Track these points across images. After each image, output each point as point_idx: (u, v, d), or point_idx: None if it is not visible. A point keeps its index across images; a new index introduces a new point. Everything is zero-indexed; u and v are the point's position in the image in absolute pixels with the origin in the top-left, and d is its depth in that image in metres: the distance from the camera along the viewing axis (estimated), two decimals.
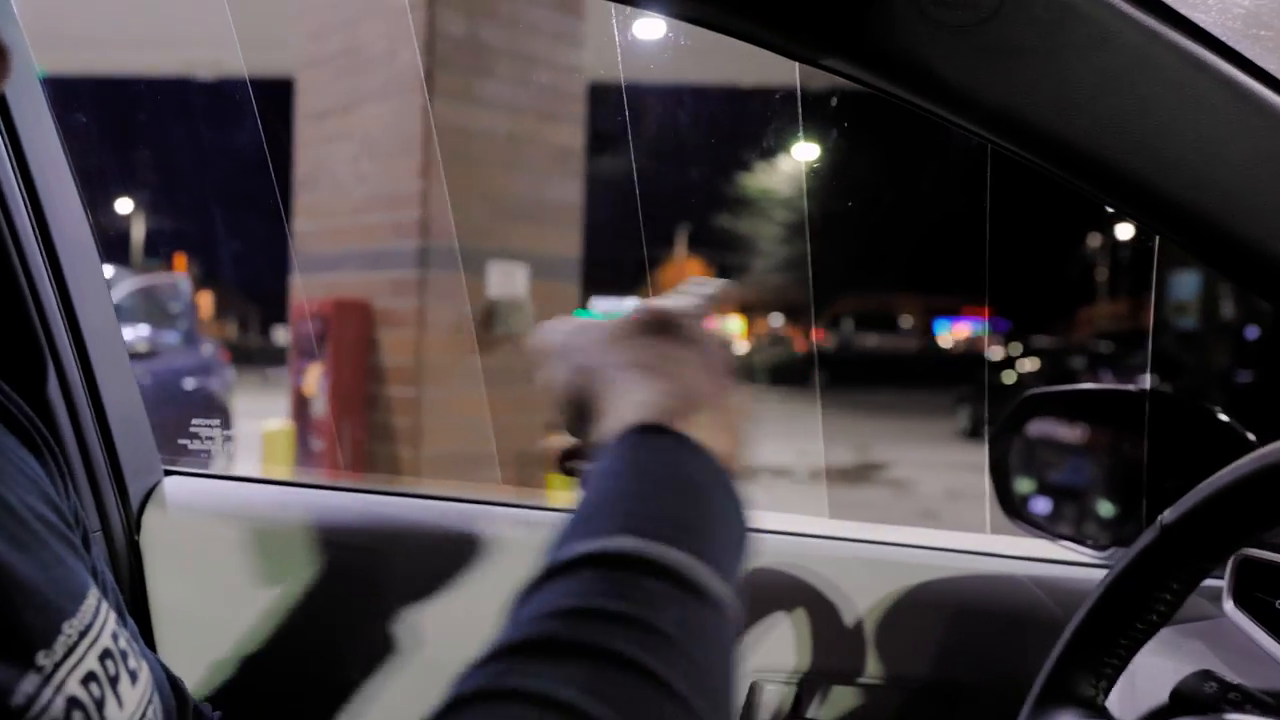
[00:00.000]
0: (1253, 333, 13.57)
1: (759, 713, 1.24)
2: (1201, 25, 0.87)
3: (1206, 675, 0.86)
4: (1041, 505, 1.35)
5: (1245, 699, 0.84)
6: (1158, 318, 17.24)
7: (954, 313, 29.62)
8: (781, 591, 1.25)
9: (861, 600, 1.25)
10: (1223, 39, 0.87)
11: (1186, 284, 16.07)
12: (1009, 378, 15.54)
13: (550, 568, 0.52)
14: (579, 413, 0.66)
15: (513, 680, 0.45)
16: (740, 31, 0.87)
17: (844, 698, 1.24)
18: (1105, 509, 1.39)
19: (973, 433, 15.82)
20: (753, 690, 1.24)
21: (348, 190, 5.52)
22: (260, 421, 6.02)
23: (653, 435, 0.59)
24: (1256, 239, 0.89)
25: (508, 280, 5.34)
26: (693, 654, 0.49)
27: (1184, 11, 0.86)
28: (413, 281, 5.23)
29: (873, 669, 1.24)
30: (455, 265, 5.19)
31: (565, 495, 0.63)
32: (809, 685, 1.24)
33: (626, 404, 0.61)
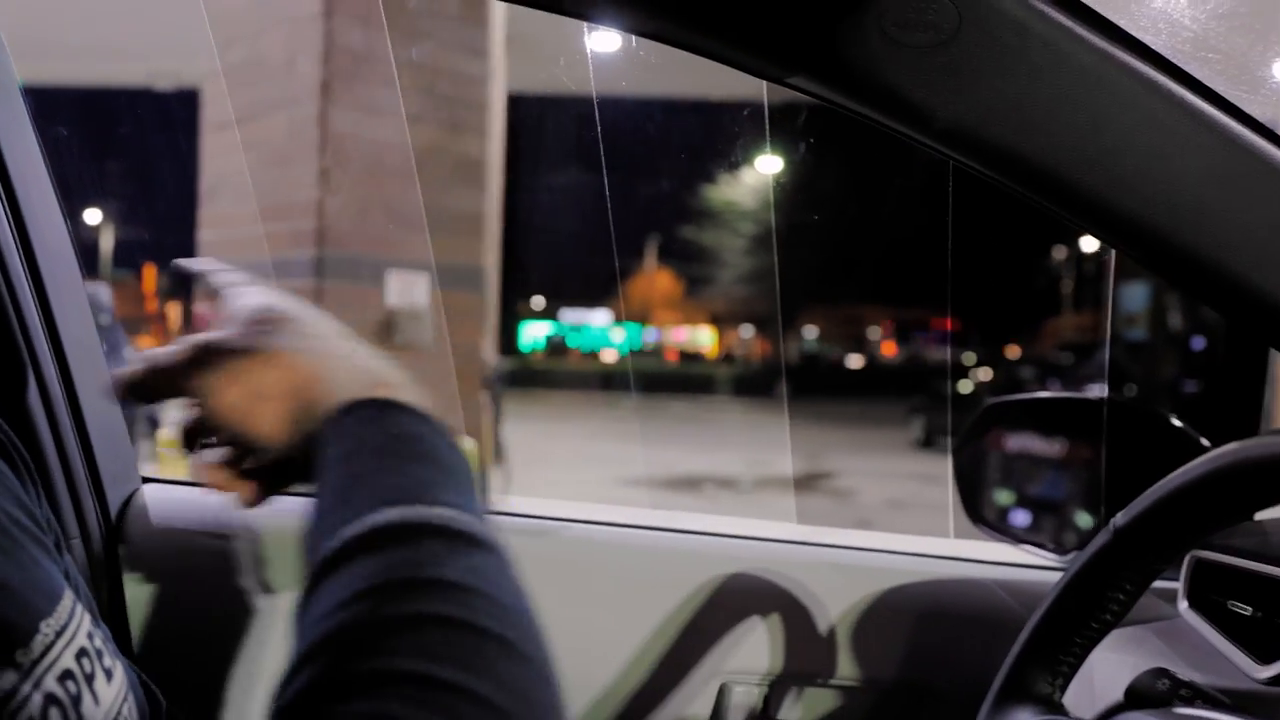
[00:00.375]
0: (1199, 343, 13.76)
1: (730, 714, 1.26)
2: (1152, 47, 0.90)
3: (1160, 673, 0.89)
4: (1018, 517, 1.39)
5: (1196, 695, 0.87)
6: (1109, 330, 17.46)
7: (923, 325, 29.87)
8: (753, 595, 1.27)
9: (831, 604, 1.27)
10: (1173, 60, 0.91)
11: (1136, 296, 16.25)
12: (965, 387, 15.67)
13: (323, 562, 0.52)
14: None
15: (344, 670, 0.45)
16: (707, 50, 0.90)
17: (814, 699, 1.27)
18: (1068, 516, 1.42)
19: (926, 443, 16.03)
20: (722, 691, 1.26)
21: (249, 200, 5.52)
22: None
23: (353, 411, 0.61)
24: (1206, 252, 0.92)
25: (408, 290, 5.33)
26: (492, 595, 0.50)
27: (1135, 34, 0.90)
28: (309, 291, 5.22)
29: (843, 671, 1.26)
30: (353, 275, 5.19)
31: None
32: (779, 687, 1.27)
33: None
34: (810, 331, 38.28)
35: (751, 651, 1.27)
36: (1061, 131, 0.89)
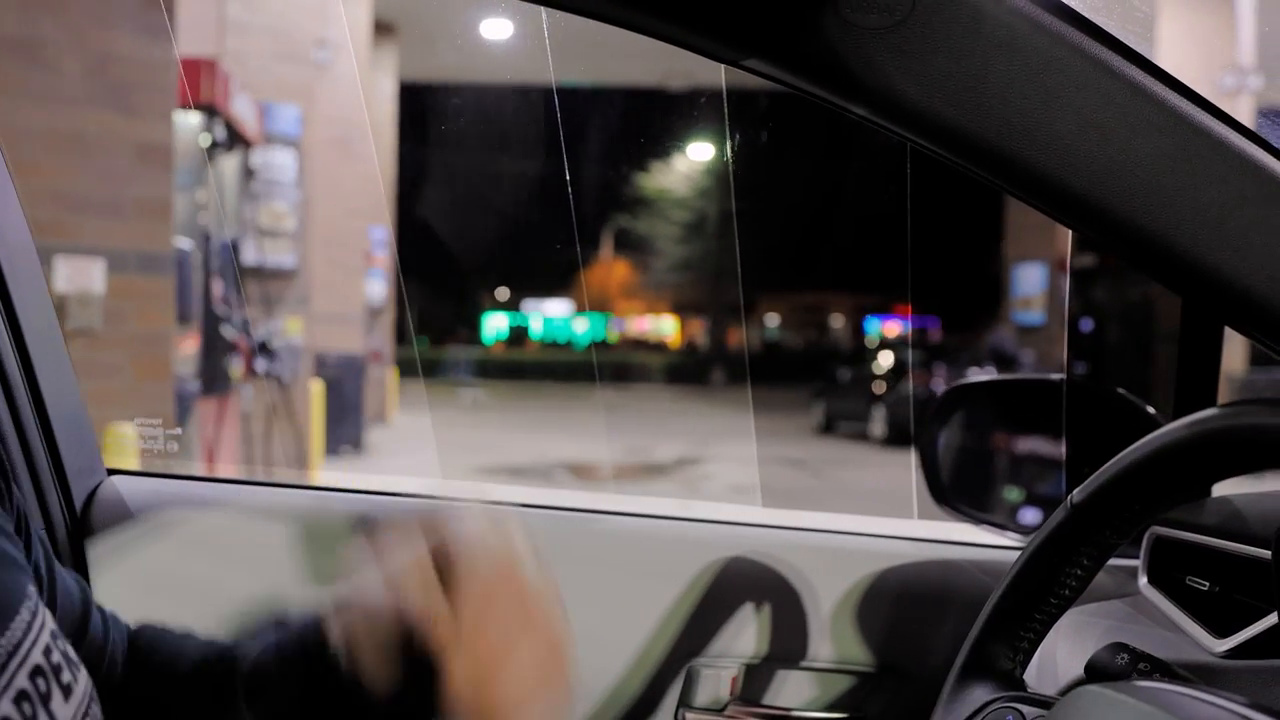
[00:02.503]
0: (1087, 325, 13.91)
1: (697, 697, 1.27)
2: (1105, 28, 0.91)
3: (1119, 648, 0.90)
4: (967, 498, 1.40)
5: (1155, 668, 0.88)
6: (1004, 313, 17.60)
7: (885, 311, 30.00)
8: (730, 580, 1.28)
9: (809, 587, 1.28)
10: (1124, 40, 0.92)
11: (1031, 278, 16.32)
12: (879, 367, 15.78)
13: None
14: None
15: None
16: (662, 33, 0.90)
17: (794, 681, 1.27)
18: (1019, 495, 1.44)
19: (826, 428, 16.24)
20: (690, 675, 1.27)
21: None
22: None
23: None
24: (1159, 231, 0.93)
25: (79, 275, 5.27)
26: None
27: (1088, 15, 0.90)
28: None
29: (820, 653, 1.27)
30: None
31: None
32: (754, 670, 1.27)
33: None
34: (771, 319, 38.52)
35: (726, 635, 1.27)
36: (1015, 113, 0.90)
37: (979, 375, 14.65)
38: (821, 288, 37.12)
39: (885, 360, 15.89)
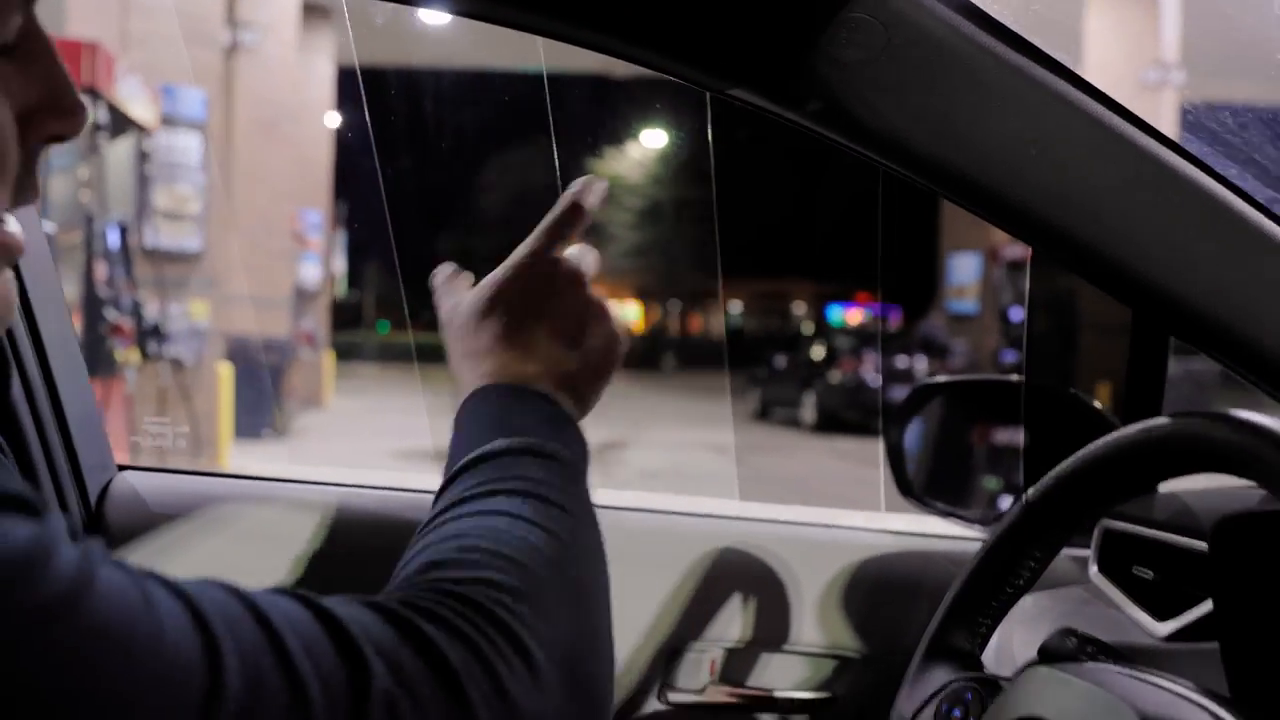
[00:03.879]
0: (1017, 314, 14.06)
1: (679, 680, 1.34)
2: (1062, 62, 0.99)
3: (1068, 632, 0.98)
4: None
5: (1100, 650, 0.97)
6: (938, 303, 17.69)
7: (847, 299, 30.16)
8: (722, 571, 1.34)
9: (794, 577, 1.35)
10: (1082, 75, 0.99)
11: (966, 268, 16.38)
12: (817, 354, 15.93)
13: (456, 470, 0.70)
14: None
15: (482, 500, 0.65)
16: (652, 63, 0.97)
17: (774, 665, 1.34)
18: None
19: (762, 414, 16.37)
20: (671, 658, 1.34)
21: None
22: None
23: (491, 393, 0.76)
24: (1111, 250, 1.02)
25: None
26: (569, 488, 0.69)
27: (1048, 50, 0.98)
28: None
29: (803, 639, 1.34)
30: None
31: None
32: (742, 654, 1.34)
33: (468, 378, 0.78)
34: (735, 306, 38.76)
35: (712, 622, 1.33)
36: (982, 142, 0.98)
37: (906, 364, 14.69)
38: (784, 275, 37.31)
39: (818, 349, 16.02)
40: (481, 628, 0.55)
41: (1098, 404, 1.34)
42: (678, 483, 9.83)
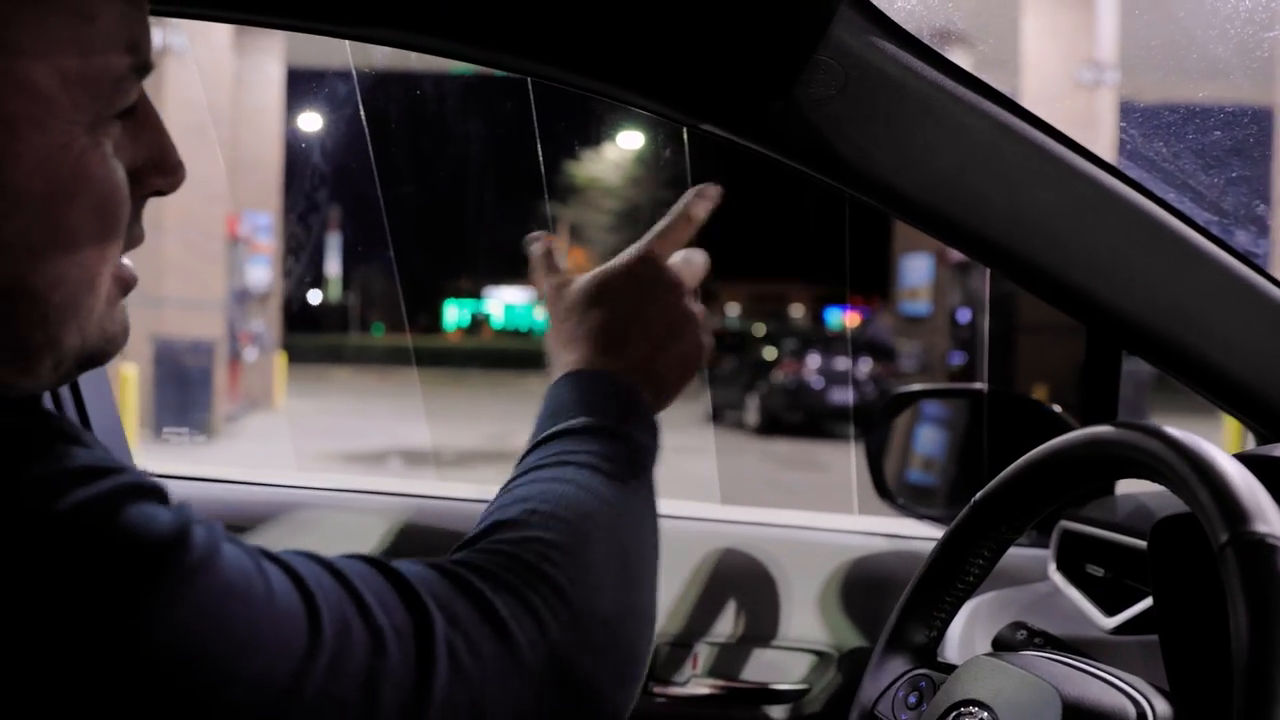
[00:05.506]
0: (965, 316, 14.06)
1: (660, 671, 1.41)
2: (1007, 95, 1.07)
3: (1019, 625, 1.06)
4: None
5: (1047, 641, 1.04)
6: (891, 304, 17.51)
7: (844, 301, 30.18)
8: (715, 571, 1.40)
9: (785, 578, 1.41)
10: (1029, 109, 1.07)
11: (918, 270, 16.14)
12: (770, 354, 15.96)
13: (538, 440, 0.78)
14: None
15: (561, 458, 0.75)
16: (627, 100, 1.05)
17: (757, 660, 1.41)
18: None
19: (715, 417, 16.04)
20: (659, 653, 1.41)
21: None
22: None
23: (580, 377, 0.83)
24: (1060, 270, 1.10)
25: None
26: (634, 469, 0.77)
27: (994, 84, 1.06)
28: None
29: (789, 636, 1.41)
30: None
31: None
32: (728, 650, 1.41)
33: (562, 361, 0.85)
34: (732, 309, 38.83)
35: (703, 620, 1.40)
36: (936, 170, 1.05)
37: (848, 366, 14.54)
38: (782, 277, 37.34)
39: (769, 350, 16.02)
40: (529, 579, 0.65)
41: (1057, 408, 1.42)
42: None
